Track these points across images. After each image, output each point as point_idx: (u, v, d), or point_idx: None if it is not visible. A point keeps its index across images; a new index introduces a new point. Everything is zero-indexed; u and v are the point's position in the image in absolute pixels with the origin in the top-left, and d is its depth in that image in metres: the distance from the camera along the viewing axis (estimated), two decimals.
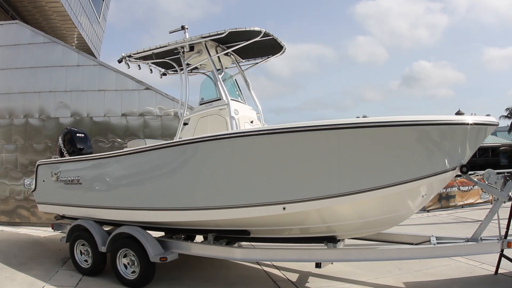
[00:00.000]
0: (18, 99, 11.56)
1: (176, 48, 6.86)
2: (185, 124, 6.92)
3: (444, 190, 13.94)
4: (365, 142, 5.05)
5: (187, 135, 6.71)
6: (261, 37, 6.47)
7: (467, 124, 5.09)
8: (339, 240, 5.91)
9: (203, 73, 8.02)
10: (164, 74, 8.26)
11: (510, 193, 5.82)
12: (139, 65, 7.69)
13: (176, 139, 6.46)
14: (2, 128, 11.61)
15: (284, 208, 5.30)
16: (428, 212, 13.46)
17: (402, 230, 6.72)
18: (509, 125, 52.31)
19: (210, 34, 6.39)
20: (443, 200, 14.16)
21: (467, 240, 5.71)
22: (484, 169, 5.83)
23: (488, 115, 5.42)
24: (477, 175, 8.59)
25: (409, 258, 6.09)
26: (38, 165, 8.26)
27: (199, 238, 7.39)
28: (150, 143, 6.75)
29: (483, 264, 6.82)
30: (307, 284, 6.42)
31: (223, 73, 7.20)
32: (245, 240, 6.55)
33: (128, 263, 6.42)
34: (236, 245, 6.63)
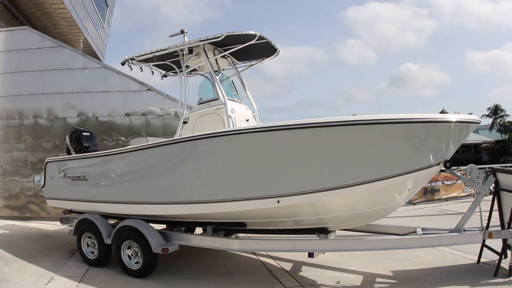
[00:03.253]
0: (27, 101, 11.50)
1: (176, 51, 6.82)
2: (184, 122, 6.89)
3: (429, 184, 13.96)
4: (355, 139, 5.05)
5: (187, 133, 6.67)
6: (256, 40, 6.45)
7: (451, 122, 5.10)
8: (330, 231, 5.91)
9: (201, 74, 7.98)
10: (165, 76, 8.20)
11: (491, 187, 5.84)
12: (141, 68, 7.66)
13: (176, 137, 6.43)
14: (13, 128, 11.54)
15: (278, 201, 5.30)
16: (414, 205, 13.48)
17: (390, 222, 6.72)
18: (490, 123, 52.54)
19: (208, 37, 6.37)
20: (428, 194, 14.19)
21: (451, 231, 5.72)
22: (466, 165, 5.84)
23: (470, 113, 5.42)
24: (460, 170, 8.61)
25: (396, 248, 6.10)
26: (47, 162, 8.21)
27: (198, 230, 7.36)
28: (152, 141, 6.72)
29: (466, 254, 6.83)
30: (300, 273, 6.41)
31: (220, 75, 7.17)
32: (242, 231, 6.56)
33: (132, 254, 6.41)
34: (233, 236, 6.62)
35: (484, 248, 6.32)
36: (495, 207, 6.27)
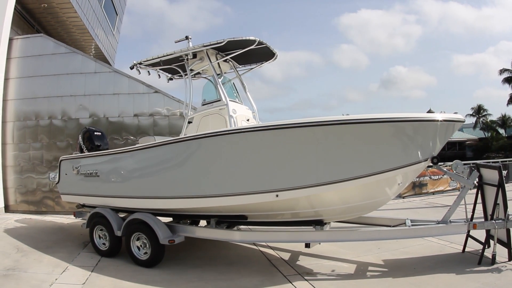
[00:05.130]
0: (43, 103, 11.48)
1: (181, 56, 6.80)
2: (189, 122, 6.88)
3: (418, 179, 13.97)
4: (348, 137, 5.03)
5: (191, 132, 6.66)
6: (255, 45, 6.43)
7: (437, 120, 5.09)
8: (325, 223, 5.91)
9: (205, 77, 7.95)
10: (171, 79, 8.18)
11: (475, 181, 5.83)
12: (148, 71, 7.63)
13: (182, 135, 6.42)
14: (29, 128, 11.53)
15: (277, 196, 5.29)
16: (403, 198, 13.47)
17: (381, 214, 6.71)
18: (474, 122, 52.44)
19: (211, 43, 6.35)
20: (417, 188, 14.20)
21: (438, 222, 5.71)
22: (452, 161, 5.83)
23: (455, 113, 5.40)
24: (447, 166, 8.60)
25: (387, 239, 6.10)
26: (61, 160, 8.19)
27: (203, 222, 7.35)
28: (159, 139, 6.70)
29: (452, 244, 6.82)
30: (298, 262, 6.40)
31: (222, 77, 7.16)
32: (243, 224, 6.54)
33: (141, 246, 6.40)
34: (235, 228, 6.62)
35: (469, 238, 6.32)
36: (479, 200, 6.29)
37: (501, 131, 50.52)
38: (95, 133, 8.08)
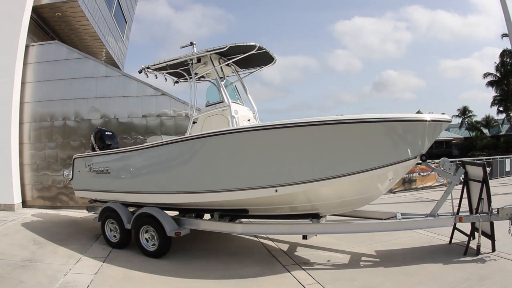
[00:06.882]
0: (57, 105, 11.46)
1: (186, 60, 6.79)
2: (194, 122, 6.87)
3: (407, 175, 13.94)
4: (343, 136, 5.02)
5: (196, 131, 6.66)
6: (256, 50, 6.42)
7: (426, 120, 5.09)
8: (321, 216, 5.91)
9: (208, 80, 7.94)
10: (177, 82, 8.16)
11: (461, 177, 5.83)
12: (156, 75, 7.62)
13: (187, 135, 6.41)
14: (45, 129, 11.51)
15: (276, 191, 5.30)
16: (394, 193, 13.45)
17: (373, 208, 6.71)
18: (459, 122, 52.42)
19: (214, 48, 6.34)
20: (406, 183, 14.18)
21: (426, 216, 5.72)
22: (440, 158, 5.82)
23: (443, 114, 5.38)
24: (434, 163, 8.59)
25: (379, 231, 6.11)
26: (74, 158, 8.19)
27: (207, 216, 7.35)
28: (166, 138, 6.71)
29: (439, 235, 6.82)
30: (295, 253, 6.40)
31: (225, 80, 7.16)
32: (245, 217, 6.53)
33: (149, 238, 6.40)
34: (237, 221, 6.62)
35: (455, 230, 6.32)
36: (465, 195, 6.28)
37: (485, 131, 50.51)
38: (106, 133, 8.08)
